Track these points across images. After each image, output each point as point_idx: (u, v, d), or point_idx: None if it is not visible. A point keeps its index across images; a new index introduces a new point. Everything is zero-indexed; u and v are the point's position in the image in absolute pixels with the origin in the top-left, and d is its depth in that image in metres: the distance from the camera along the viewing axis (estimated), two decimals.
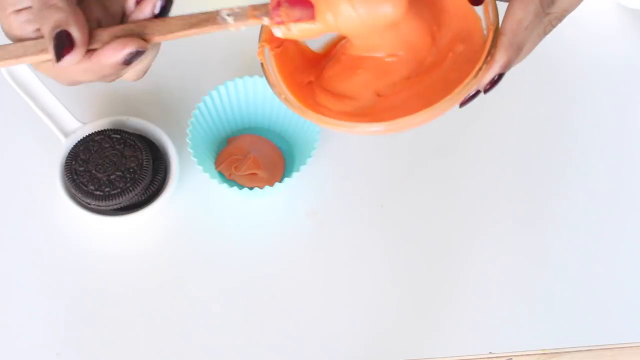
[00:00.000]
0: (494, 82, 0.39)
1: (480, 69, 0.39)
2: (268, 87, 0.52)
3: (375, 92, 0.45)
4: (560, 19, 0.39)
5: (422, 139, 0.59)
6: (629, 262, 0.56)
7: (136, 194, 0.51)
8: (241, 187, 0.53)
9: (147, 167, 0.51)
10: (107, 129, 0.53)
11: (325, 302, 0.53)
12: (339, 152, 0.58)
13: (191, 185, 0.56)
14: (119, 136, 0.52)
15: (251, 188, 0.52)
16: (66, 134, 0.54)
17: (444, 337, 0.52)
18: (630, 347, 0.52)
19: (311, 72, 0.47)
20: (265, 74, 0.44)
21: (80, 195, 0.51)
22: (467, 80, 0.39)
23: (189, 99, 0.58)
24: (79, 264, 0.53)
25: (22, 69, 0.54)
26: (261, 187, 0.52)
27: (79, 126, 0.54)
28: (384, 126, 0.42)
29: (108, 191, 0.50)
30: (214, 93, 0.55)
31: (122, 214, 0.52)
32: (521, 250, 0.55)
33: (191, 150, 0.52)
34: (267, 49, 0.44)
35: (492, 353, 0.52)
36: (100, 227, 0.54)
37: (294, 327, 0.52)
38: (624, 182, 0.58)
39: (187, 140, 0.52)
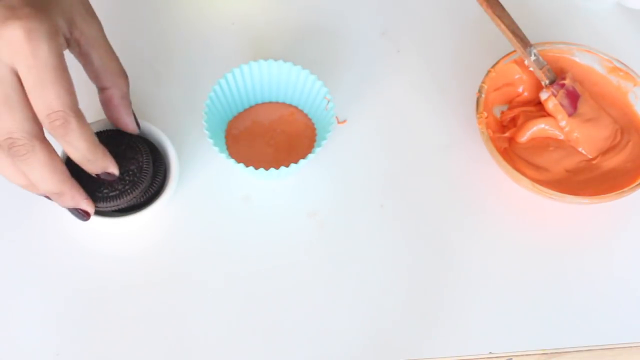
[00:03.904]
0: None
1: None
2: (283, 69, 0.55)
3: (564, 168, 0.55)
4: None
5: (422, 139, 0.59)
6: (629, 262, 0.56)
7: (135, 197, 0.51)
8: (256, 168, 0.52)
9: (147, 170, 0.51)
10: (109, 130, 0.53)
11: (325, 302, 0.53)
12: (339, 152, 0.58)
13: (190, 187, 0.56)
14: (119, 138, 0.52)
15: (267, 169, 0.52)
16: None
17: (444, 337, 0.52)
18: (630, 347, 0.52)
19: (504, 139, 0.56)
20: (485, 143, 0.53)
21: None
22: None
23: (189, 100, 0.58)
24: (77, 264, 0.53)
25: None
26: (277, 168, 0.52)
27: None
28: (587, 200, 0.52)
29: (106, 193, 0.50)
30: (229, 75, 0.55)
31: (121, 216, 0.52)
32: (521, 250, 0.55)
33: (207, 132, 0.52)
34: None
35: (492, 353, 0.52)
36: (99, 228, 0.54)
37: (294, 327, 0.52)
38: None
39: (203, 122, 0.52)
